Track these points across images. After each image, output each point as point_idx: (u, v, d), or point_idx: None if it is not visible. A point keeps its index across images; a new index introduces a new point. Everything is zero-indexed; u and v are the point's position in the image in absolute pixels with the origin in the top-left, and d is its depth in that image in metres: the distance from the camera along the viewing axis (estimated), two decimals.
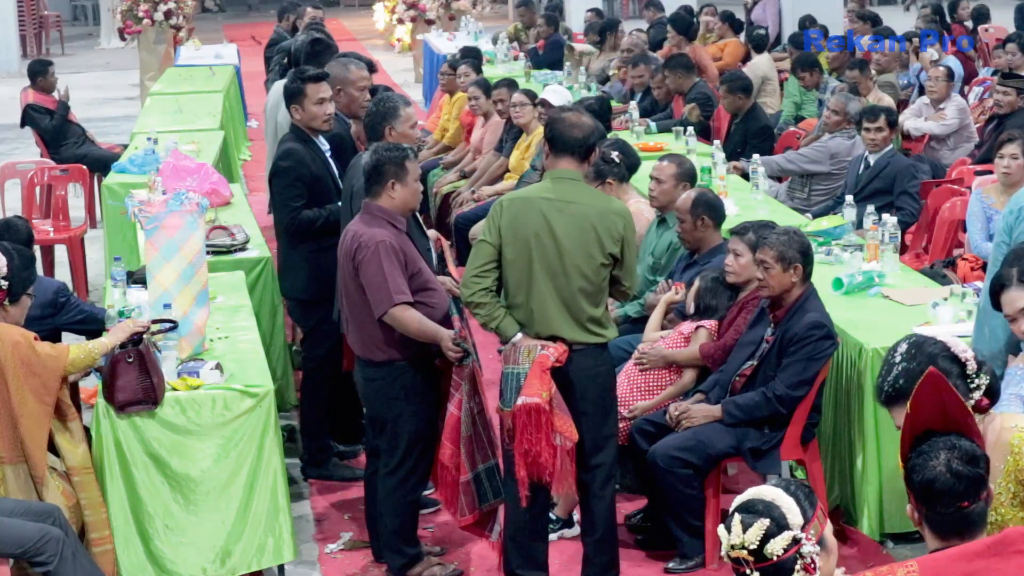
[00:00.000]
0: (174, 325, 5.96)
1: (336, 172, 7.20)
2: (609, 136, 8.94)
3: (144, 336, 5.77)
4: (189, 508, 5.83)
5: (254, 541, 5.86)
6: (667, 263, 7.43)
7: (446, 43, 17.90)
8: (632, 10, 27.58)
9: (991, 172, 8.46)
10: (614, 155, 7.79)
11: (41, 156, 12.48)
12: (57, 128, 12.58)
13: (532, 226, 5.55)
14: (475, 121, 11.57)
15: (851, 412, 6.35)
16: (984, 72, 14.27)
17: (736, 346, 6.40)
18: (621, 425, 6.19)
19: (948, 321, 6.35)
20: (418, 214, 6.29)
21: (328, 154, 7.25)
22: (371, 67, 8.02)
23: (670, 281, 7.10)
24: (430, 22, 21.01)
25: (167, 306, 6.00)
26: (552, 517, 6.22)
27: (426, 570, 6.06)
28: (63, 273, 10.25)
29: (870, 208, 7.88)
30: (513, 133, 10.69)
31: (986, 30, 17.11)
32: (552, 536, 6.14)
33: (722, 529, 3.19)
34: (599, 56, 15.20)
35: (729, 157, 9.97)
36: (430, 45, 18.68)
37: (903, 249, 8.25)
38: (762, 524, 3.14)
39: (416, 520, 6.10)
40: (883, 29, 14.74)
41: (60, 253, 10.61)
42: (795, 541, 3.14)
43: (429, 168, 11.54)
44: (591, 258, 5.54)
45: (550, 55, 15.97)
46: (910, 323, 6.34)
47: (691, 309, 6.72)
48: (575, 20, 19.54)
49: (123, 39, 19.27)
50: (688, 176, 7.57)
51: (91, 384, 6.31)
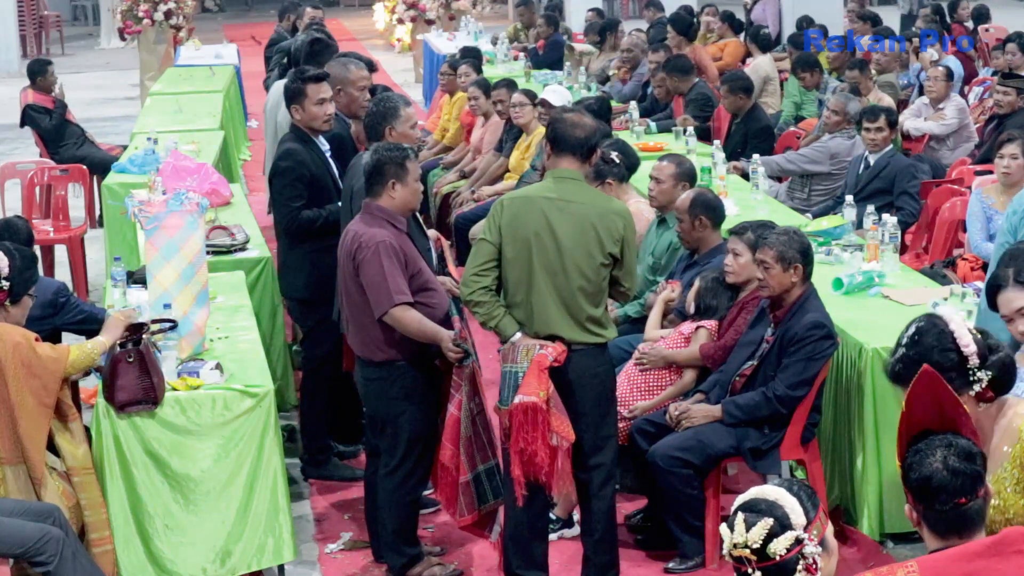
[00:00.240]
0: (174, 325, 5.97)
1: (336, 172, 7.19)
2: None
3: (144, 336, 5.77)
4: (189, 508, 5.82)
5: (254, 541, 5.85)
6: (667, 263, 7.42)
7: (446, 43, 17.90)
8: (632, 10, 27.57)
9: (991, 172, 8.46)
10: (613, 155, 7.79)
11: (41, 156, 12.47)
12: (56, 128, 12.58)
13: (532, 225, 5.54)
14: (475, 121, 11.57)
15: (851, 412, 6.35)
16: (984, 72, 14.27)
17: (736, 346, 6.40)
18: (621, 425, 6.19)
19: None
20: (418, 214, 6.29)
21: (328, 154, 7.25)
22: (371, 67, 8.02)
23: (669, 281, 7.10)
24: (430, 22, 21.01)
25: (167, 306, 5.99)
26: (552, 517, 6.22)
27: (426, 570, 6.06)
28: (63, 273, 10.25)
29: (870, 208, 7.88)
30: (513, 133, 10.68)
31: (986, 30, 17.10)
32: (552, 536, 6.14)
33: (724, 528, 3.19)
34: (599, 56, 15.19)
35: (729, 157, 9.97)
36: (430, 45, 18.68)
37: (903, 249, 8.25)
38: (765, 523, 3.13)
39: (416, 520, 6.10)
40: (883, 29, 14.75)
41: (60, 253, 10.61)
42: (798, 541, 3.13)
43: (429, 168, 11.54)
44: (591, 258, 5.54)
45: (550, 55, 15.97)
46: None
47: (691, 309, 6.72)
48: (575, 20, 19.54)
49: (123, 39, 19.27)
50: (688, 176, 7.56)
51: (91, 384, 6.31)
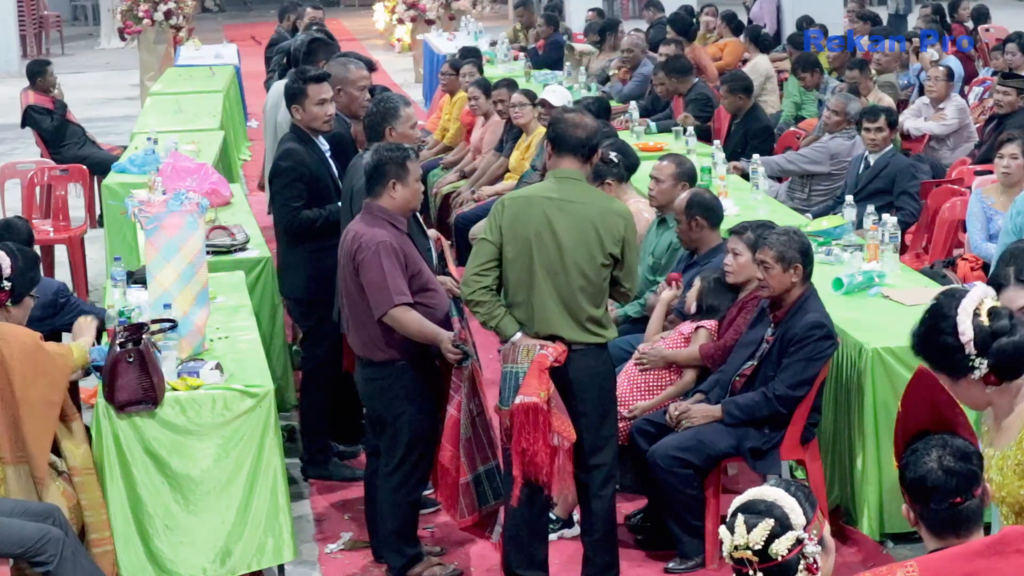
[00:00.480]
0: (174, 325, 5.96)
1: (336, 172, 7.19)
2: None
3: (144, 336, 5.76)
4: (189, 508, 5.82)
5: (254, 541, 5.85)
6: (667, 263, 7.42)
7: (446, 43, 17.89)
8: (632, 10, 27.54)
9: (991, 172, 8.46)
10: (613, 155, 7.78)
11: (42, 156, 12.47)
12: (57, 128, 12.58)
13: (533, 225, 5.54)
14: (475, 121, 11.57)
15: (851, 412, 6.35)
16: (984, 72, 14.26)
17: (736, 346, 6.39)
18: (621, 425, 6.19)
19: None
20: (418, 214, 6.29)
21: (328, 154, 7.25)
22: (371, 67, 8.01)
23: (672, 275, 7.08)
24: (430, 22, 21.01)
25: (167, 306, 5.99)
26: (552, 517, 6.21)
27: (426, 570, 6.06)
28: (63, 273, 10.25)
29: (870, 208, 7.87)
30: (513, 133, 10.68)
31: (986, 30, 17.09)
32: (552, 536, 6.14)
33: (724, 530, 3.18)
34: (599, 56, 15.18)
35: (729, 157, 9.96)
36: (430, 45, 18.67)
37: (903, 249, 8.25)
38: (766, 524, 3.13)
39: (416, 520, 6.10)
40: (883, 29, 14.74)
41: (60, 253, 10.60)
42: (799, 541, 3.13)
43: (429, 168, 11.53)
44: (592, 258, 5.54)
45: (550, 55, 15.96)
46: (910, 323, 6.28)
47: (692, 309, 6.72)
48: (575, 20, 19.54)
49: (123, 39, 19.26)
50: (687, 176, 7.56)
51: (91, 384, 6.31)
